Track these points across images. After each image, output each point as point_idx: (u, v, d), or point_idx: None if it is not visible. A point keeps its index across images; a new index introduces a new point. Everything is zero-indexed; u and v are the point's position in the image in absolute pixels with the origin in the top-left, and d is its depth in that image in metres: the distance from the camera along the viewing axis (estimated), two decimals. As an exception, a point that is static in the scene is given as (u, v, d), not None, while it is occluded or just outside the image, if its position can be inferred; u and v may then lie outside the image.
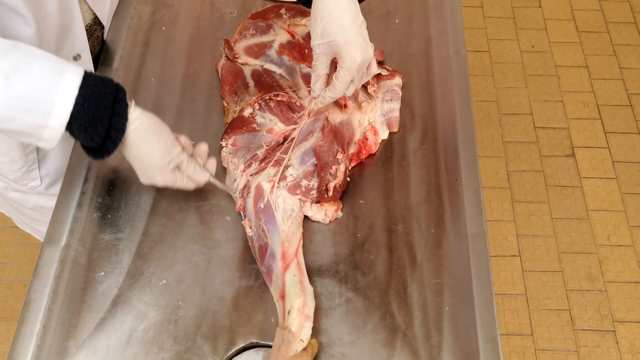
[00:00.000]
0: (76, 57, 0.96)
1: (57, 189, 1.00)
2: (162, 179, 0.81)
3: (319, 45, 0.82)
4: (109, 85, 0.73)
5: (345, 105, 0.94)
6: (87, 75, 0.71)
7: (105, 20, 1.04)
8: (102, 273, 0.84)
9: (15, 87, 0.66)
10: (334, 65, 0.83)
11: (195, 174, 0.84)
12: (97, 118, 0.71)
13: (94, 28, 1.01)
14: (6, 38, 0.82)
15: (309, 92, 0.95)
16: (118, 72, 1.03)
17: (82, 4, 0.94)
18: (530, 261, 1.87)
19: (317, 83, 0.86)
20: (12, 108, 0.67)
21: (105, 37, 1.06)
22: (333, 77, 0.83)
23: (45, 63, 0.69)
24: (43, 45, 0.88)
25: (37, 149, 1.01)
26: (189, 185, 0.85)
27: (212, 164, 0.88)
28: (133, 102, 0.76)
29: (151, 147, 0.78)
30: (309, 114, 0.92)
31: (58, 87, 0.68)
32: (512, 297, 1.81)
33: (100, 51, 1.06)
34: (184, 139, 0.84)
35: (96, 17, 1.00)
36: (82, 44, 0.96)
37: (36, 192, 1.08)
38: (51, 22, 0.87)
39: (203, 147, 0.87)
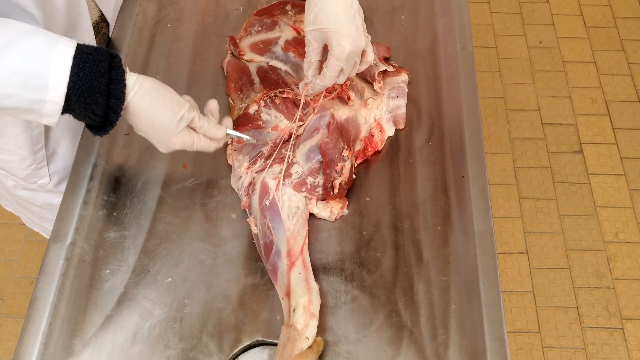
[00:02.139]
0: None
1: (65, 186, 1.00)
2: (179, 140, 0.79)
3: (311, 31, 0.81)
4: (103, 52, 0.73)
5: (349, 98, 0.93)
6: (80, 46, 0.71)
7: (111, 18, 1.04)
8: (108, 271, 0.84)
9: (9, 63, 0.66)
10: (326, 52, 0.83)
11: (210, 129, 0.82)
12: (95, 86, 0.71)
13: (101, 25, 1.01)
14: None
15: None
16: (123, 69, 1.03)
17: (89, 1, 0.94)
18: (538, 258, 1.86)
19: (310, 70, 0.85)
20: (9, 84, 0.67)
21: (110, 34, 1.06)
22: (323, 66, 0.82)
23: (37, 36, 0.69)
24: None
25: (46, 146, 1.01)
26: (208, 145, 0.83)
27: (227, 120, 0.87)
28: (128, 69, 0.75)
29: (157, 108, 0.76)
30: (309, 108, 0.92)
31: (51, 58, 0.68)
32: (519, 294, 1.80)
33: (107, 49, 1.06)
34: (187, 97, 0.83)
35: (102, 15, 1.00)
36: (88, 40, 0.96)
37: (45, 190, 1.08)
38: (58, 19, 0.87)
39: (213, 104, 0.86)
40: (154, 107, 0.76)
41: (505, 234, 1.90)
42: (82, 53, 0.70)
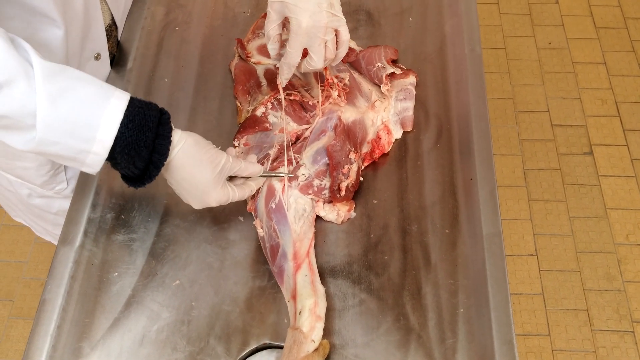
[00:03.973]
0: (97, 57, 0.97)
1: None
2: (216, 197, 0.78)
3: (272, 3, 0.81)
4: (154, 108, 0.72)
5: (342, 90, 0.92)
6: (132, 99, 0.71)
7: (120, 21, 1.04)
8: (116, 273, 0.84)
9: (60, 110, 0.65)
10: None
11: (249, 168, 0.81)
12: (141, 140, 0.70)
13: (112, 28, 1.02)
14: (35, 41, 0.83)
15: (322, 90, 0.94)
16: (132, 72, 1.04)
17: (102, 5, 0.95)
18: (548, 261, 1.85)
19: (269, 43, 0.85)
20: (56, 131, 0.66)
21: (119, 37, 1.07)
22: (285, 44, 0.82)
23: (91, 87, 0.68)
24: (70, 46, 0.88)
25: None
26: (243, 192, 0.82)
27: (252, 158, 0.87)
28: (173, 125, 0.75)
29: (200, 164, 0.75)
30: (316, 110, 0.91)
31: (104, 111, 0.67)
32: (528, 297, 1.79)
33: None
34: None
35: (113, 18, 1.01)
36: (101, 43, 0.97)
37: (62, 196, 1.08)
38: (78, 23, 0.88)
39: (233, 151, 0.86)
40: (196, 164, 0.75)
41: (515, 236, 1.89)
42: (133, 107, 0.70)
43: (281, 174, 0.86)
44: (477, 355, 0.77)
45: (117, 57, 1.05)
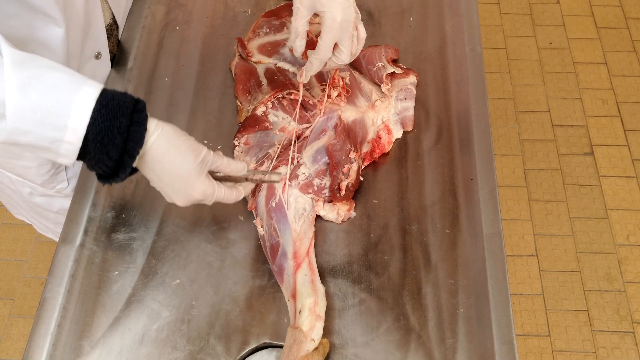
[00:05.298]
0: (97, 56, 0.97)
1: None
2: (200, 187, 0.74)
3: None
4: (128, 96, 0.70)
5: (348, 92, 0.92)
6: (105, 88, 0.69)
7: (120, 20, 1.04)
8: (116, 272, 0.84)
9: (31, 98, 0.64)
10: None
11: (231, 165, 0.78)
12: (114, 126, 0.67)
13: (113, 27, 1.02)
14: (35, 39, 0.83)
15: (322, 90, 0.94)
16: (132, 71, 1.04)
17: (103, 4, 0.95)
18: (548, 261, 1.85)
19: (297, 40, 0.83)
20: (27, 120, 0.65)
21: (120, 37, 1.07)
22: (318, 39, 0.82)
23: (62, 74, 0.67)
24: (71, 45, 0.88)
25: None
26: (229, 194, 0.78)
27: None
28: (148, 114, 0.72)
29: (180, 152, 0.72)
30: (317, 109, 0.91)
31: (74, 98, 0.66)
32: (529, 297, 1.79)
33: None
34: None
35: (114, 17, 1.01)
36: (102, 42, 0.97)
37: (63, 195, 1.08)
38: (78, 22, 0.88)
39: (219, 152, 0.82)
40: (175, 151, 0.72)
41: (515, 237, 1.89)
42: (106, 94, 0.68)
43: (269, 181, 0.84)
44: (477, 355, 0.77)
45: (118, 56, 1.05)
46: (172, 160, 0.73)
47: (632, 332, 1.72)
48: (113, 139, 0.68)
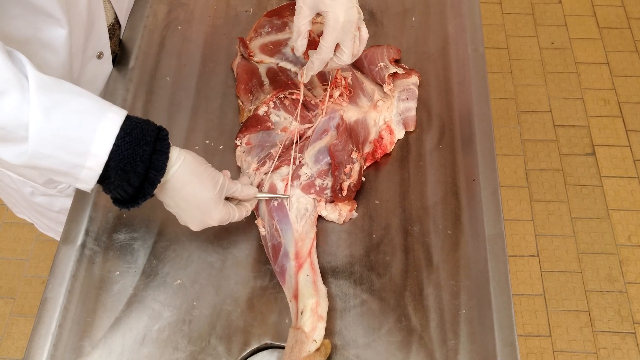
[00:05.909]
0: (99, 56, 0.97)
1: None
2: (218, 216, 0.76)
3: None
4: (151, 123, 0.70)
5: (350, 91, 0.93)
6: (129, 115, 0.69)
7: (123, 20, 1.04)
8: (118, 272, 0.84)
9: (54, 123, 0.64)
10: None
11: (244, 190, 0.80)
12: (137, 154, 0.67)
13: (115, 27, 1.02)
14: (38, 40, 0.83)
15: (324, 90, 0.94)
16: (134, 71, 1.03)
17: (106, 3, 0.95)
18: (549, 261, 1.84)
19: (299, 39, 0.83)
20: (49, 144, 0.64)
21: (121, 36, 1.07)
22: (320, 39, 0.81)
23: (87, 100, 0.66)
24: (73, 45, 0.88)
25: None
26: (241, 213, 0.80)
27: (245, 180, 0.86)
28: (170, 142, 0.72)
29: (201, 182, 0.73)
30: (318, 109, 0.91)
31: (98, 125, 0.65)
32: (530, 297, 1.78)
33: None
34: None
35: (117, 17, 1.01)
36: (104, 42, 0.97)
37: (64, 195, 1.08)
38: (81, 22, 0.88)
39: (228, 173, 0.83)
40: (196, 181, 0.73)
41: (517, 237, 1.89)
42: (130, 121, 0.68)
43: (277, 196, 0.85)
44: (479, 356, 0.77)
45: (120, 56, 1.05)
46: (193, 190, 0.73)
47: (634, 333, 1.72)
48: (135, 167, 0.68)
